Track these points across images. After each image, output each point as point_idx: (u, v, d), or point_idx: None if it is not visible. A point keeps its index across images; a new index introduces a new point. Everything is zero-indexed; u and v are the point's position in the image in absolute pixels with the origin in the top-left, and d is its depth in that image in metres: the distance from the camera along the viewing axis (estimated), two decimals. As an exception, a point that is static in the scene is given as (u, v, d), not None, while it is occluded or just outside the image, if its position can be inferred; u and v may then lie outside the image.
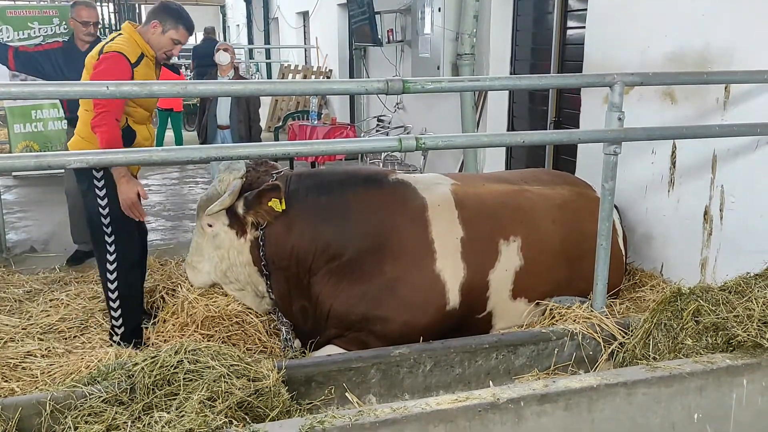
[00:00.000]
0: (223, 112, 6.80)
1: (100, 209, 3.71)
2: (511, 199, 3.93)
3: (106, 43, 3.67)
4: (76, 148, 3.71)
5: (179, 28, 3.74)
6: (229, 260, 3.70)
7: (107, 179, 3.66)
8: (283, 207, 3.50)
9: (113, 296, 3.80)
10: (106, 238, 3.73)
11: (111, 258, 3.74)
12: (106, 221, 3.72)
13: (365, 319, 3.54)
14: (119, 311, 3.80)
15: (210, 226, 3.69)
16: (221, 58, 6.86)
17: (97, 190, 3.68)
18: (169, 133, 11.11)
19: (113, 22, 21.14)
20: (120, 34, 3.70)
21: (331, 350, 3.58)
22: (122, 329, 3.82)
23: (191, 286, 3.95)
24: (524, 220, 3.86)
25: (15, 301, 4.46)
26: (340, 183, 3.77)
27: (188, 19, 3.82)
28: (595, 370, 3.21)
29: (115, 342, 3.79)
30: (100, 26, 5.24)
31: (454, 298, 3.62)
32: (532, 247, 3.82)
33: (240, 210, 3.60)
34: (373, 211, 3.66)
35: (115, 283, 3.77)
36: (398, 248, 3.59)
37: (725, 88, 3.88)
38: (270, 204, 3.49)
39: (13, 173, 8.70)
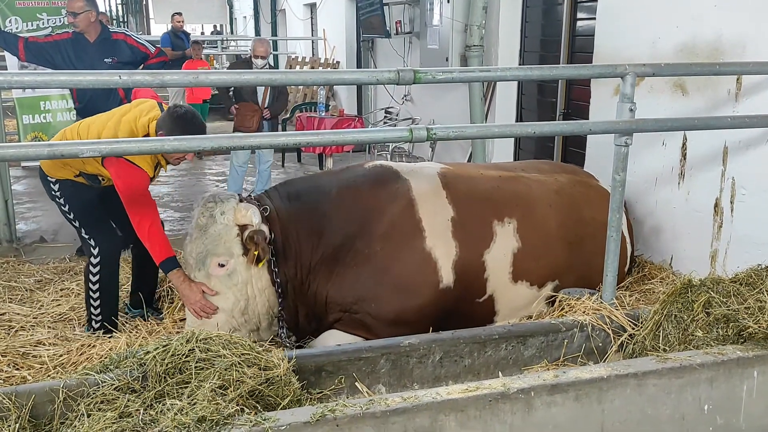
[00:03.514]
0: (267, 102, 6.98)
1: (67, 214, 3.81)
2: (505, 183, 3.98)
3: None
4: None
5: None
6: (247, 294, 3.55)
7: (62, 188, 3.74)
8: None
9: (93, 288, 3.83)
10: (84, 235, 3.82)
11: (95, 251, 3.80)
12: (77, 223, 3.81)
13: (361, 299, 3.58)
14: (98, 302, 3.83)
15: (223, 265, 3.51)
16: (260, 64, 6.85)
17: (57, 199, 3.79)
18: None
19: (120, 13, 21.19)
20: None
21: (332, 335, 3.62)
22: (99, 319, 3.82)
23: None
24: (519, 203, 3.90)
25: (26, 290, 4.49)
26: (316, 180, 3.95)
27: (194, 129, 3.50)
28: (604, 362, 3.21)
29: (93, 329, 3.79)
30: (100, 15, 5.16)
31: (447, 276, 3.63)
32: (529, 229, 3.85)
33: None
34: (353, 196, 3.72)
35: (97, 276, 3.81)
36: (385, 228, 3.63)
37: (737, 79, 3.86)
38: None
39: (23, 164, 8.74)
